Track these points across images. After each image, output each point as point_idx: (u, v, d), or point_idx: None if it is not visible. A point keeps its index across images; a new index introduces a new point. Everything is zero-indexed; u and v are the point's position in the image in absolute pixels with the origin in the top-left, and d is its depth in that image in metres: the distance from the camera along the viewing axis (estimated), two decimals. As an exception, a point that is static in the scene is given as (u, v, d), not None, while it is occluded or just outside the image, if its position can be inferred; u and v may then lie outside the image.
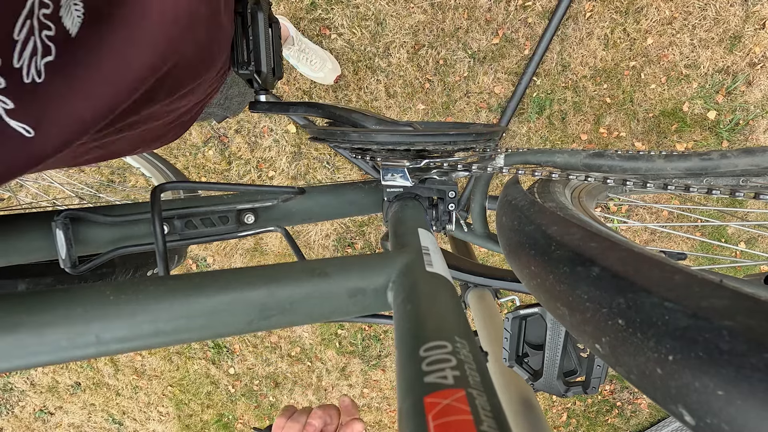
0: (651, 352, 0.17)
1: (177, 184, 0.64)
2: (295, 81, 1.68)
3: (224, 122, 1.77)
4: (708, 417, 0.14)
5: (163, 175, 1.12)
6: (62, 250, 0.47)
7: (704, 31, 1.58)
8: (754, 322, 0.14)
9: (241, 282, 0.30)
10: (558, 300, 0.24)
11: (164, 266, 0.44)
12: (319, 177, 1.82)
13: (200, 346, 2.22)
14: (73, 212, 0.48)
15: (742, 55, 1.60)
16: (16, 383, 2.32)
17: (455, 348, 0.21)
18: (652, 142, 1.72)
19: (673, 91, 1.65)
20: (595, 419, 2.23)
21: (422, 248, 0.34)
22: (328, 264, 0.32)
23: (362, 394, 2.21)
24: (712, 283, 0.17)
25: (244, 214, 0.55)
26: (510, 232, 0.33)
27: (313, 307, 0.31)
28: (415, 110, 1.71)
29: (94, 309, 0.27)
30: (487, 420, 0.17)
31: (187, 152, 1.82)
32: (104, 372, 2.30)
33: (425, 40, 1.63)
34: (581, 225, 0.27)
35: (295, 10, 1.60)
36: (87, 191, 1.50)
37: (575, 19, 1.59)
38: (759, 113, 1.65)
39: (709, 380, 0.14)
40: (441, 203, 0.53)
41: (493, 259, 1.91)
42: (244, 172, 1.83)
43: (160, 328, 0.29)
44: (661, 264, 0.20)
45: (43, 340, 0.26)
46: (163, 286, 0.29)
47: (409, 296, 0.28)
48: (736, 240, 1.88)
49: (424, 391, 0.19)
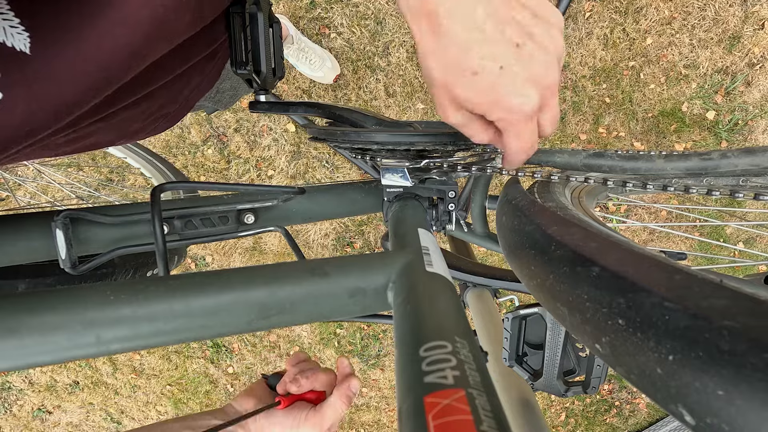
0: (651, 352, 0.17)
1: (177, 184, 0.64)
2: (294, 80, 1.67)
3: (223, 121, 1.76)
4: (708, 417, 0.14)
5: (163, 174, 1.12)
6: (62, 250, 0.46)
7: (703, 31, 1.58)
8: (754, 322, 0.14)
9: (241, 282, 0.30)
10: (558, 300, 0.24)
11: (164, 266, 0.44)
12: (319, 176, 1.82)
13: (199, 345, 2.22)
14: (73, 212, 0.48)
15: (741, 55, 1.60)
16: (14, 382, 2.32)
17: (455, 348, 0.21)
18: (651, 142, 1.73)
19: (672, 91, 1.65)
20: (594, 419, 2.24)
21: (422, 248, 0.34)
22: (328, 264, 0.33)
23: (361, 394, 2.21)
24: (712, 283, 0.17)
25: (244, 214, 0.55)
26: (510, 232, 0.33)
27: (313, 307, 0.31)
28: (415, 110, 1.71)
29: (94, 309, 0.27)
30: (487, 420, 0.17)
31: (186, 151, 1.82)
32: (103, 371, 2.30)
33: (425, 39, 1.62)
34: (581, 225, 0.27)
35: (295, 9, 1.60)
36: (86, 191, 1.50)
37: (575, 19, 1.59)
38: (758, 113, 1.65)
39: (709, 380, 0.14)
40: (441, 203, 0.53)
41: (492, 258, 1.91)
42: (243, 171, 1.83)
43: (160, 328, 0.28)
44: (661, 264, 0.20)
45: (44, 340, 0.26)
46: (163, 286, 0.29)
47: (409, 296, 0.28)
48: (734, 240, 1.88)
49: (424, 391, 0.19)
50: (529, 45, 0.30)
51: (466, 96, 0.31)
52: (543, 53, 0.30)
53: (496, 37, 0.29)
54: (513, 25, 0.29)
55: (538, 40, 0.30)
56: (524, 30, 0.30)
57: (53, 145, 0.38)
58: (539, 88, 0.31)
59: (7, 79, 0.26)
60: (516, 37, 0.29)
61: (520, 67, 0.30)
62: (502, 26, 0.29)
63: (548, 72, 0.31)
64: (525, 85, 0.30)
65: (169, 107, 0.49)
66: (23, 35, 0.25)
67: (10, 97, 0.27)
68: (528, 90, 0.31)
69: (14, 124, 0.28)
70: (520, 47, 0.30)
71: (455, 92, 0.31)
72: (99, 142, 0.44)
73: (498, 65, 0.29)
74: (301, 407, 0.52)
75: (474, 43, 0.29)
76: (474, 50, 0.29)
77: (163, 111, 0.48)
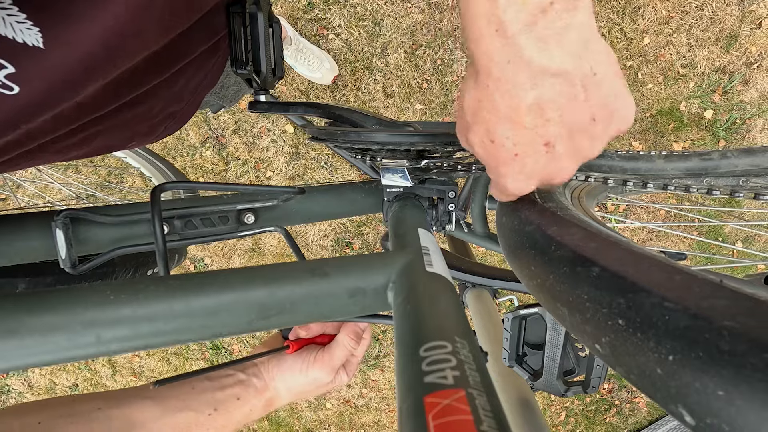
0: (651, 352, 0.17)
1: (177, 184, 0.63)
2: (292, 81, 1.67)
3: (221, 122, 1.76)
4: (708, 417, 0.14)
5: (163, 174, 1.12)
6: (62, 250, 0.46)
7: (701, 30, 1.58)
8: (754, 322, 0.14)
9: (241, 282, 0.30)
10: (558, 300, 0.24)
11: (164, 266, 0.44)
12: (317, 177, 1.82)
13: (198, 347, 2.21)
14: (73, 212, 0.48)
15: (739, 54, 1.60)
16: (13, 385, 2.31)
17: (455, 348, 0.21)
18: (650, 142, 1.73)
19: (670, 90, 1.66)
20: (594, 418, 2.24)
21: (422, 248, 0.34)
22: (327, 264, 0.33)
23: (361, 394, 2.21)
24: (712, 283, 0.17)
25: (244, 214, 0.55)
26: (510, 232, 0.33)
27: (313, 307, 0.32)
28: (413, 110, 1.71)
29: (94, 309, 0.27)
30: (487, 420, 0.17)
31: (184, 152, 1.81)
32: (102, 373, 2.29)
33: (423, 39, 1.63)
34: (581, 225, 0.27)
35: (293, 10, 1.60)
36: (86, 191, 1.50)
37: (573, 19, 1.59)
38: (755, 112, 1.66)
39: (709, 380, 0.14)
40: (441, 203, 0.53)
41: (492, 258, 1.91)
42: (241, 173, 1.83)
43: (160, 328, 0.28)
44: (661, 264, 0.20)
45: (44, 340, 0.26)
46: (163, 286, 0.29)
47: (409, 296, 0.28)
48: (733, 239, 1.89)
49: (424, 391, 0.19)
50: (560, 149, 0.28)
51: (473, 143, 0.30)
52: (568, 160, 0.28)
53: (529, 125, 0.26)
54: (558, 125, 0.26)
55: (575, 147, 0.28)
56: (567, 134, 0.27)
57: (63, 149, 0.38)
58: (540, 180, 0.30)
59: (22, 73, 0.27)
60: (552, 137, 0.27)
61: (533, 161, 0.28)
62: (543, 120, 0.26)
63: (560, 174, 0.29)
64: (528, 179, 0.29)
65: (174, 106, 0.49)
66: (32, 30, 0.26)
67: (28, 90, 0.27)
68: (528, 181, 0.30)
69: (33, 114, 0.29)
70: (548, 147, 0.27)
71: (469, 133, 0.30)
72: (109, 145, 0.44)
73: (515, 150, 0.28)
74: (311, 350, 0.53)
75: (505, 120, 0.26)
76: (501, 124, 0.27)
77: (169, 110, 0.48)
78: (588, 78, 0.25)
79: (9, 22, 0.25)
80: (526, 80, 0.25)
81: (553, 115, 0.26)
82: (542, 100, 0.25)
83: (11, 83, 0.27)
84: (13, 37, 0.25)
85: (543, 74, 0.24)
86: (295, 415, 2.27)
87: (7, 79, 0.26)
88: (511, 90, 0.25)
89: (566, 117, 0.26)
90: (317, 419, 2.27)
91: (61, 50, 0.27)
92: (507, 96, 0.25)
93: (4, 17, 0.25)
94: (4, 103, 0.27)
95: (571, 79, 0.25)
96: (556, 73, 0.24)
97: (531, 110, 0.26)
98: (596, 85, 0.25)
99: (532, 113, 0.26)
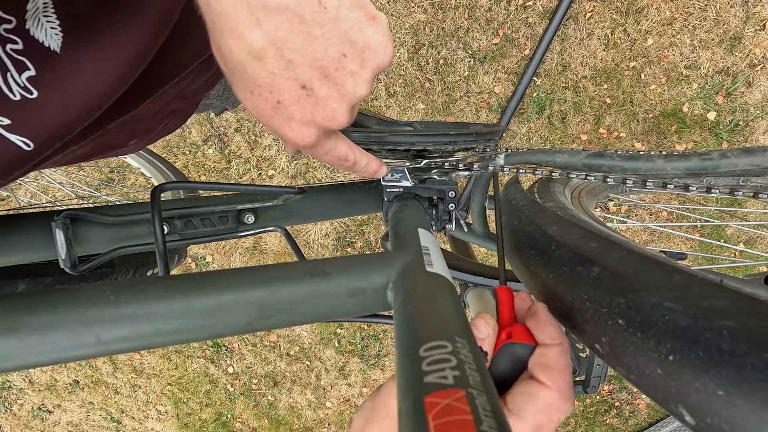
0: (651, 352, 0.17)
1: (177, 184, 0.64)
2: (294, 80, 1.67)
3: (224, 121, 1.76)
4: (708, 417, 0.14)
5: (163, 174, 1.12)
6: (62, 250, 0.46)
7: (704, 31, 1.58)
8: (754, 322, 0.14)
9: (241, 282, 0.30)
10: (558, 300, 0.24)
11: (164, 266, 0.44)
12: (319, 176, 1.82)
13: (199, 344, 2.22)
14: (73, 212, 0.48)
15: (742, 56, 1.60)
16: (14, 381, 2.32)
17: (455, 348, 0.21)
18: (652, 143, 1.72)
19: (673, 91, 1.65)
20: (594, 419, 2.23)
21: (422, 248, 0.34)
22: (328, 264, 0.32)
23: (361, 394, 2.21)
24: (712, 283, 0.17)
25: (244, 214, 0.55)
26: (510, 232, 0.33)
27: (313, 307, 0.31)
28: (415, 110, 1.71)
29: (94, 309, 0.27)
30: (487, 420, 0.17)
31: (186, 151, 1.82)
32: (103, 370, 2.30)
33: (426, 39, 1.63)
34: (581, 225, 0.27)
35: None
36: (86, 190, 1.50)
37: (576, 20, 1.59)
38: (759, 114, 1.65)
39: (709, 380, 0.14)
40: (441, 203, 0.53)
41: (492, 258, 1.91)
42: (243, 171, 1.83)
43: (160, 328, 0.28)
44: (662, 264, 0.20)
45: (44, 340, 0.26)
46: (163, 286, 0.29)
47: (409, 296, 0.28)
48: (735, 240, 1.88)
49: (424, 390, 0.19)
50: (321, 91, 0.26)
51: (242, 101, 0.28)
52: (335, 102, 0.27)
53: (274, 69, 0.25)
54: (305, 66, 0.25)
55: (336, 87, 0.26)
56: (320, 74, 0.26)
57: (75, 156, 0.39)
58: (318, 127, 0.29)
59: (41, 77, 0.27)
60: (305, 79, 0.26)
61: (299, 108, 0.27)
62: (285, 62, 0.25)
63: (335, 118, 0.28)
64: (302, 126, 0.28)
65: (176, 104, 0.49)
66: (59, 35, 0.26)
67: (45, 95, 0.27)
68: (304, 129, 0.28)
69: (51, 120, 0.29)
70: (307, 90, 0.26)
71: (235, 88, 0.28)
72: (113, 144, 0.44)
73: (275, 98, 0.26)
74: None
75: (249, 68, 0.25)
76: (248, 73, 0.25)
77: (171, 107, 0.48)
78: (319, 14, 0.24)
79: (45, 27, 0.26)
80: (248, 16, 0.23)
81: (293, 56, 0.24)
82: (275, 41, 0.24)
83: (31, 87, 0.27)
84: (42, 40, 0.26)
85: (264, 10, 0.23)
86: (295, 414, 2.27)
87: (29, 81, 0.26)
88: (235, 28, 0.23)
89: (309, 56, 0.25)
90: (317, 418, 2.27)
91: (76, 61, 0.28)
92: (235, 37, 0.24)
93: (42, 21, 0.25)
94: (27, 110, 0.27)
95: (297, 15, 0.23)
96: (277, 9, 0.23)
97: (268, 53, 0.24)
98: (333, 20, 0.24)
99: (270, 56, 0.24)
